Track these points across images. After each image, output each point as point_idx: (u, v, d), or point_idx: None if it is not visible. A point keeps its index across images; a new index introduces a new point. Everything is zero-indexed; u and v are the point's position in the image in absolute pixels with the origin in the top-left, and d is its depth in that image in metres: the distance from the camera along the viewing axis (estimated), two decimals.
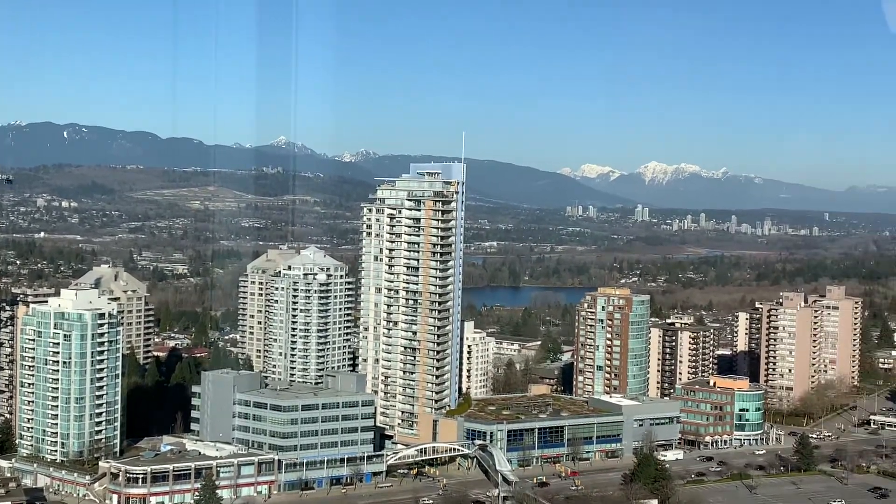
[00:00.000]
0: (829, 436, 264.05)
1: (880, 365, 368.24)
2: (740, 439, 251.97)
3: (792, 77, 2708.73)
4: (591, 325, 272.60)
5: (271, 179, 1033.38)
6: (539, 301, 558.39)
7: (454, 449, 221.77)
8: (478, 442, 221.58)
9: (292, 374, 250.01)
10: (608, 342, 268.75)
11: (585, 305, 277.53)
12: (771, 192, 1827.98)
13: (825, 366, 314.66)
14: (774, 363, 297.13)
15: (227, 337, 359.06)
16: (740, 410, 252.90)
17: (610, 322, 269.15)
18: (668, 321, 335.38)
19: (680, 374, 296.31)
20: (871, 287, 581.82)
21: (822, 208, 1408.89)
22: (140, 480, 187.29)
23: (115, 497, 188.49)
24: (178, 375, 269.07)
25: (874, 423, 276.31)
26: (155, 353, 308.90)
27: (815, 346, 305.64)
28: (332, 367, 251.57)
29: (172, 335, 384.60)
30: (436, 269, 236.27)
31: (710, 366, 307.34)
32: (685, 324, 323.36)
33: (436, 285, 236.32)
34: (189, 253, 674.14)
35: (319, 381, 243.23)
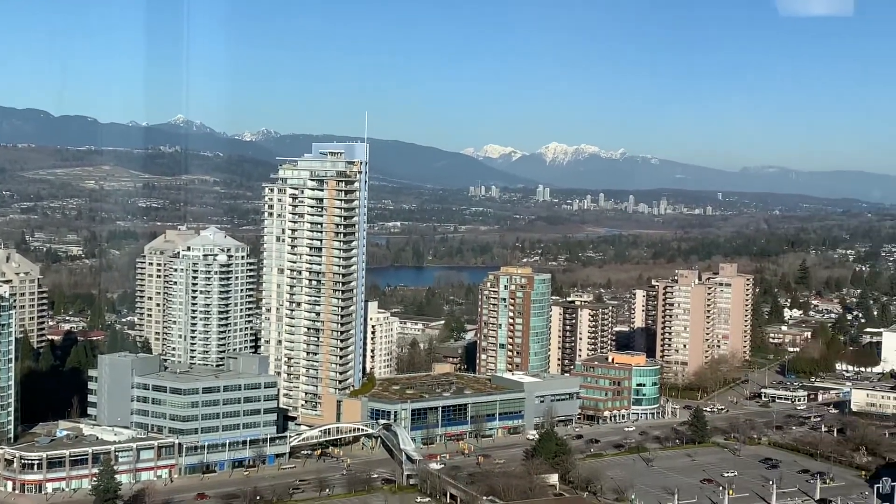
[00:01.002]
0: (722, 409, 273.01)
1: (770, 340, 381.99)
2: (637, 413, 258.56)
3: (687, 60, 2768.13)
4: (493, 304, 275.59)
5: (169, 158, 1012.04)
6: (442, 281, 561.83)
7: (358, 429, 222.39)
8: (382, 421, 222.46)
9: (192, 357, 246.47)
10: (510, 320, 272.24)
11: (488, 284, 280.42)
12: (667, 172, 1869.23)
13: (718, 341, 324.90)
14: (670, 339, 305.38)
15: (124, 320, 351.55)
16: (637, 385, 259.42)
17: (512, 301, 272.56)
18: (569, 299, 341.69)
19: (580, 350, 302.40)
20: (762, 264, 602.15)
21: (716, 188, 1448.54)
22: (35, 466, 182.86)
23: (9, 484, 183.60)
24: (74, 359, 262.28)
25: (765, 396, 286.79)
26: (49, 337, 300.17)
27: (708, 322, 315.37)
28: (234, 349, 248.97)
29: (67, 318, 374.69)
30: (339, 249, 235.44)
31: (609, 342, 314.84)
32: (585, 302, 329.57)
33: (339, 265, 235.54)
34: (84, 234, 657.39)
35: (221, 363, 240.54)
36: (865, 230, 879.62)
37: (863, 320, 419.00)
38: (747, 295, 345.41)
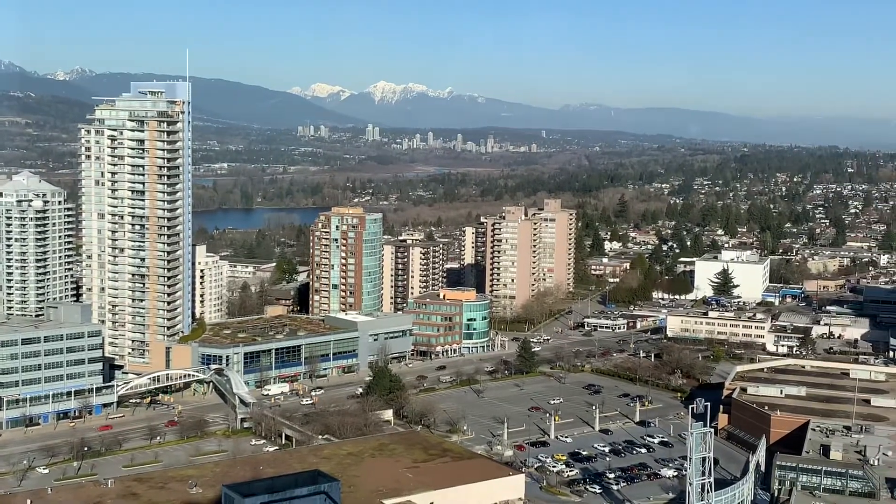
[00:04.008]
0: (548, 339, 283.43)
1: (592, 271, 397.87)
2: (469, 347, 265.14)
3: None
4: (325, 245, 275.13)
5: None
6: (273, 222, 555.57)
7: (188, 375, 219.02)
8: (213, 366, 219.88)
9: (10, 308, 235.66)
10: (343, 261, 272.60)
11: (319, 225, 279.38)
12: (493, 110, 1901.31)
13: (544, 274, 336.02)
14: (499, 274, 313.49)
15: None
16: (468, 320, 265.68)
17: (344, 241, 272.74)
18: (400, 238, 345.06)
19: (412, 288, 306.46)
20: (584, 199, 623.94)
21: (540, 126, 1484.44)
22: None
23: None
24: None
25: (587, 326, 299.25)
26: None
27: (534, 257, 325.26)
28: (54, 298, 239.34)
29: None
30: (163, 192, 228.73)
31: (441, 279, 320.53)
32: (416, 240, 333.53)
33: (163, 209, 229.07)
34: None
35: (40, 313, 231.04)
36: (679, 164, 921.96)
37: (677, 250, 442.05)
38: (570, 229, 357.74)
